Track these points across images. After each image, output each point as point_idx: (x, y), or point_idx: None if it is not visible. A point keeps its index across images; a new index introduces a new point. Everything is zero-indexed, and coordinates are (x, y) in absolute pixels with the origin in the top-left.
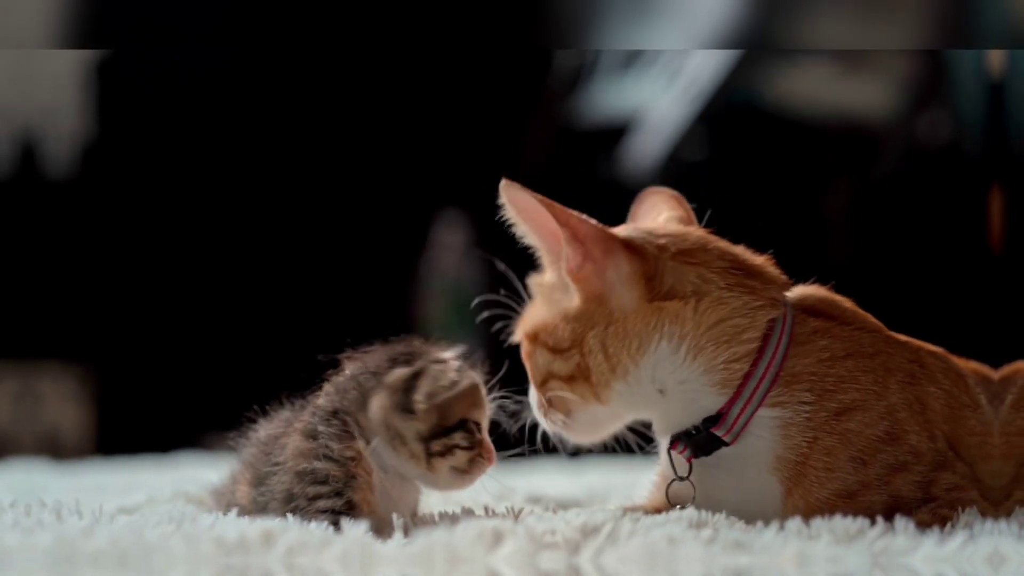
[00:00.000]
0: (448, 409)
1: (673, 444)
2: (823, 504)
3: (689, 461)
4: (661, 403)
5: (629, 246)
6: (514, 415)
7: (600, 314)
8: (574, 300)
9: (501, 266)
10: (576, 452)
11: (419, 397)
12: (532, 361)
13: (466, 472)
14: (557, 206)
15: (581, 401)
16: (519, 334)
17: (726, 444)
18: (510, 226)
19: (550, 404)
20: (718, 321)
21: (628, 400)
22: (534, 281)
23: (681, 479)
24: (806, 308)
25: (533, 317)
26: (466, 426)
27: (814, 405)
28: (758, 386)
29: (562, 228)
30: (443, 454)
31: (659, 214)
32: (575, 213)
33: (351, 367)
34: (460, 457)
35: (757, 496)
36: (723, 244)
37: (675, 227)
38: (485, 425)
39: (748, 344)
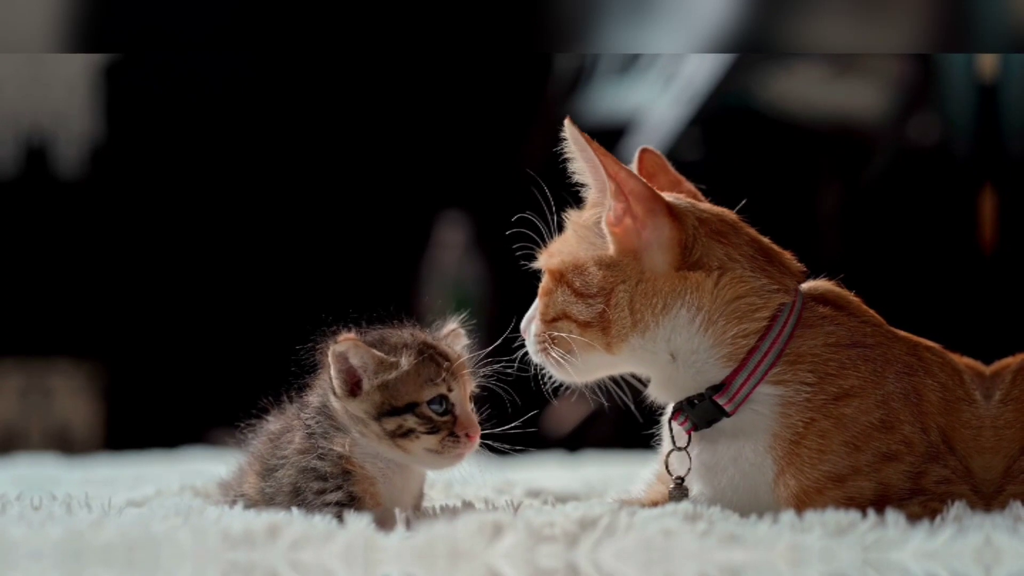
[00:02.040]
0: (393, 389)
1: (675, 415)
2: (813, 485)
3: (688, 433)
4: (669, 367)
5: (673, 212)
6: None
7: (633, 269)
8: (609, 249)
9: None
10: (575, 447)
11: (333, 372)
12: (550, 297)
13: (440, 453)
14: (610, 157)
15: (588, 346)
16: (543, 265)
17: (726, 414)
18: (566, 160)
19: (552, 340)
20: (735, 297)
21: (638, 356)
22: (572, 217)
23: (680, 449)
24: (816, 297)
25: (562, 253)
26: (415, 409)
27: (814, 387)
28: (762, 360)
29: (610, 180)
30: (405, 435)
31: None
32: (627, 168)
33: (324, 361)
34: (428, 440)
35: (752, 473)
36: (752, 231)
37: (712, 206)
38: (461, 402)
39: (758, 323)
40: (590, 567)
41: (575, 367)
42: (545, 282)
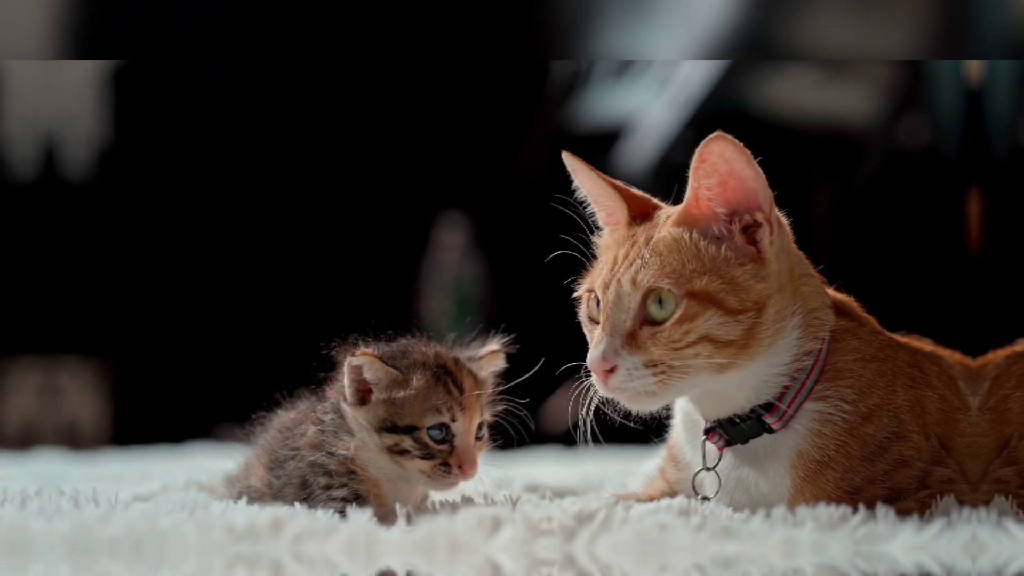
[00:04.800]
0: (398, 407)
1: (709, 434)
2: (832, 501)
3: (720, 451)
4: (752, 381)
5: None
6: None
7: (775, 279)
8: (758, 261)
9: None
10: (572, 442)
11: (346, 380)
12: (692, 323)
13: (431, 478)
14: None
15: (708, 366)
16: (682, 291)
17: (771, 432)
18: (684, 175)
19: (672, 369)
20: (813, 309)
21: (748, 373)
22: (675, 234)
23: (709, 469)
24: (831, 306)
25: (692, 270)
26: (414, 433)
27: (852, 406)
28: (808, 376)
29: (768, 192)
30: (400, 453)
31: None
32: None
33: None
34: (421, 463)
35: (768, 491)
36: None
37: None
38: (463, 434)
39: (819, 343)
40: (587, 559)
41: (679, 390)
42: (686, 308)
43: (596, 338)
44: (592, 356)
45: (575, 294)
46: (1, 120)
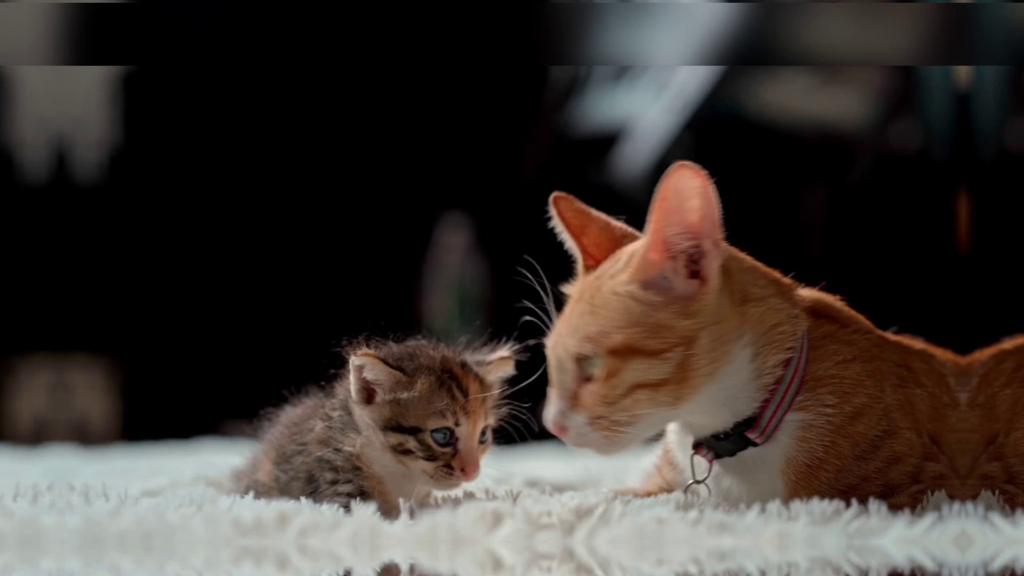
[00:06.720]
0: (403, 408)
1: (697, 449)
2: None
3: (710, 463)
4: (711, 406)
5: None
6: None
7: (710, 312)
8: (690, 295)
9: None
10: None
11: (352, 379)
12: (617, 378)
13: (433, 478)
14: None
15: (652, 409)
16: (590, 352)
17: (755, 445)
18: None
19: (614, 423)
20: (774, 326)
21: (701, 402)
22: (621, 288)
23: (698, 482)
24: (811, 311)
25: (612, 326)
26: (418, 434)
27: (835, 408)
28: (788, 389)
29: (718, 218)
30: (404, 453)
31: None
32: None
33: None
34: (424, 464)
35: (761, 497)
36: (746, 255)
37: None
38: (467, 438)
39: (789, 352)
40: (586, 552)
41: (631, 437)
42: (609, 365)
43: (549, 398)
44: (545, 419)
45: (546, 350)
46: (13, 124)
